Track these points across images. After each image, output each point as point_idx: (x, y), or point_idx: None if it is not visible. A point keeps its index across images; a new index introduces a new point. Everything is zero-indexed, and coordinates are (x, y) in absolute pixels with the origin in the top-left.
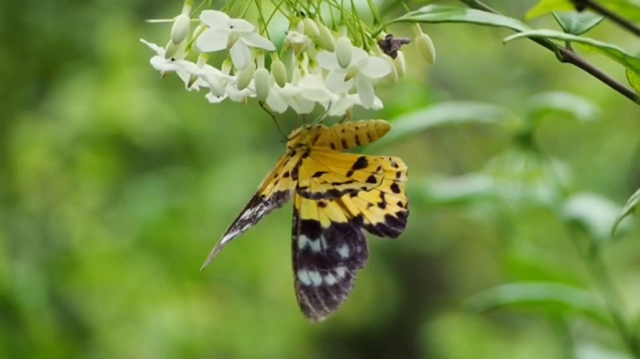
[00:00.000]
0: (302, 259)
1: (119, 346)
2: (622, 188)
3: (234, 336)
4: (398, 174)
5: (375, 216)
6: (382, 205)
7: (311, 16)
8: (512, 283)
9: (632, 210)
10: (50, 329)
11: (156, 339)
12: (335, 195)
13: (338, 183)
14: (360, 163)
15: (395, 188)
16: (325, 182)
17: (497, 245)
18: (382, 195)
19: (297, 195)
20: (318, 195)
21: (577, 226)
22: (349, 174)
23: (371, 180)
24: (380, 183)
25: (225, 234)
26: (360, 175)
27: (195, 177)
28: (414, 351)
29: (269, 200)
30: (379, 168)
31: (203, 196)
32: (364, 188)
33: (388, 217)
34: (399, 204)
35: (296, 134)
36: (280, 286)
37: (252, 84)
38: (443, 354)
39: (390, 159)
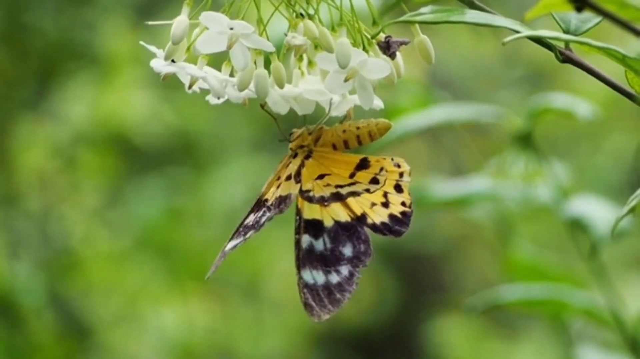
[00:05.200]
0: (305, 258)
1: (119, 346)
2: (622, 188)
3: (234, 336)
4: (401, 174)
5: (378, 216)
6: (385, 205)
7: (310, 17)
8: (512, 283)
9: (632, 210)
10: (50, 329)
11: (156, 339)
12: (338, 199)
13: (341, 186)
14: (363, 164)
15: (398, 189)
16: (328, 185)
17: (497, 245)
18: (385, 195)
19: None
20: (322, 199)
21: (577, 226)
22: (352, 176)
23: (374, 181)
24: (384, 185)
25: (230, 240)
26: (363, 176)
27: (195, 177)
28: (414, 351)
29: (271, 205)
30: (381, 169)
31: (203, 196)
32: (367, 190)
33: (392, 217)
34: (403, 204)
35: (297, 136)
36: (280, 286)
37: (252, 85)
38: (443, 354)
39: (392, 159)
